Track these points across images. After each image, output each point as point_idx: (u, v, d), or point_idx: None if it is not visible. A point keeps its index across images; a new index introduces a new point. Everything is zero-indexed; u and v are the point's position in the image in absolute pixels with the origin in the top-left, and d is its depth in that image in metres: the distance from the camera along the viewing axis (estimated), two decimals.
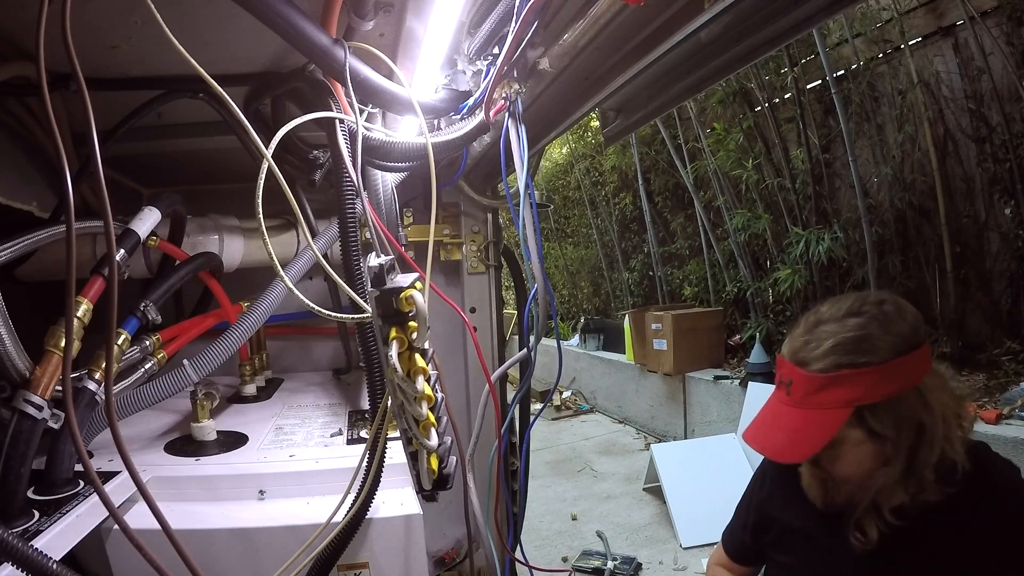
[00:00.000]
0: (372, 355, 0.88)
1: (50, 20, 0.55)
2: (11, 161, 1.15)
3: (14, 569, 0.54)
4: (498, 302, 1.84)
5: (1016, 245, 3.31)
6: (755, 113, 4.47)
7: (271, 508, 1.00)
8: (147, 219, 1.09)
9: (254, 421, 1.33)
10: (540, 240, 0.95)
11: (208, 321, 1.37)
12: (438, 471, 0.69)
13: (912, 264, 3.82)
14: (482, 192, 1.73)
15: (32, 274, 1.19)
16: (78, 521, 0.80)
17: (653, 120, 1.80)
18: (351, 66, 0.85)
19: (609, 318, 6.70)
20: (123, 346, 1.04)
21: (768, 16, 0.94)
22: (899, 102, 3.70)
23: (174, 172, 1.72)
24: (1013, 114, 3.24)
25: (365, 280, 0.83)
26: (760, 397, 3.92)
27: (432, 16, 0.91)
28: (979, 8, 3.22)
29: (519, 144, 0.89)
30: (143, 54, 1.00)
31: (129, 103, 1.12)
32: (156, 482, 1.01)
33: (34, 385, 0.82)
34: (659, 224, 5.94)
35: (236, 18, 0.81)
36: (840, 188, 4.19)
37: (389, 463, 0.90)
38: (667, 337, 4.74)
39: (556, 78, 0.96)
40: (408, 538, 0.98)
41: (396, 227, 1.21)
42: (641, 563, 3.13)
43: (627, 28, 0.85)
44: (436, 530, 1.81)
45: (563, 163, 7.36)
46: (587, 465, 4.69)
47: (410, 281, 0.64)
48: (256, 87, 1.16)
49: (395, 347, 0.64)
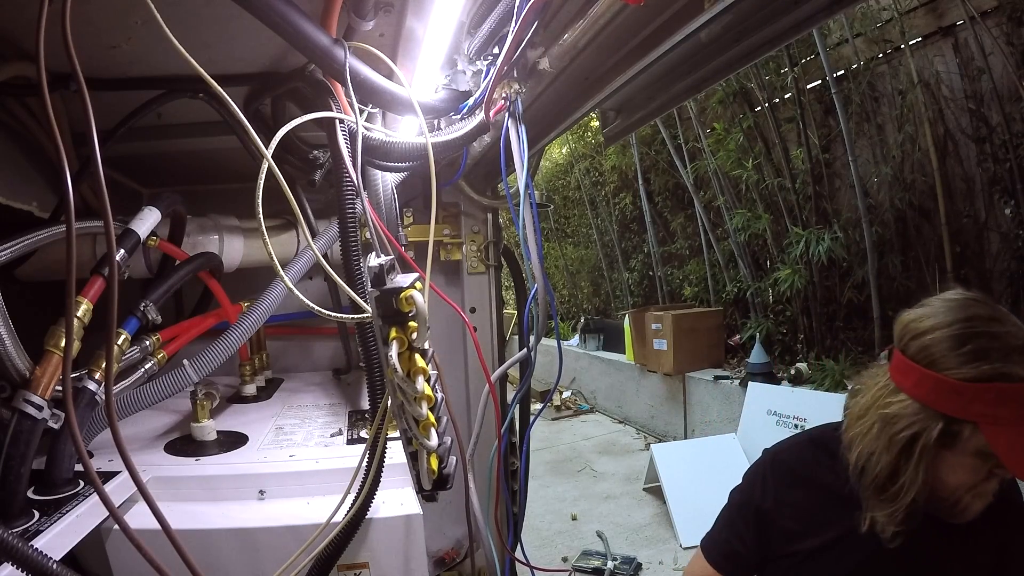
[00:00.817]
0: (372, 355, 0.88)
1: (50, 20, 0.55)
2: (11, 161, 1.15)
3: (14, 569, 0.54)
4: (498, 302, 1.84)
5: (1016, 245, 3.31)
6: (755, 113, 4.47)
7: (271, 508, 1.00)
8: (147, 219, 1.09)
9: (254, 421, 1.33)
10: (540, 240, 0.95)
11: (208, 321, 1.37)
12: (438, 471, 0.69)
13: (912, 264, 3.82)
14: (482, 192, 1.73)
15: (32, 274, 1.19)
16: (78, 521, 0.80)
17: (653, 120, 1.80)
18: (351, 66, 0.85)
19: (609, 318, 6.70)
20: (123, 346, 1.03)
21: (768, 16, 0.94)
22: (899, 102, 3.70)
23: (174, 172, 1.72)
24: (1013, 114, 3.24)
25: (365, 280, 0.83)
26: (760, 397, 3.92)
27: (432, 16, 0.91)
28: (979, 8, 3.22)
29: (519, 144, 0.89)
30: (143, 54, 1.00)
31: (129, 103, 1.12)
32: (156, 482, 1.01)
33: (34, 385, 0.82)
34: (659, 224, 5.94)
35: (236, 18, 0.81)
36: (840, 188, 4.20)
37: (389, 463, 0.89)
38: (667, 337, 4.74)
39: (556, 78, 0.96)
40: (408, 538, 0.98)
41: (396, 227, 1.21)
42: (641, 563, 3.13)
43: (627, 28, 0.85)
44: (436, 530, 1.81)
45: (563, 163, 7.36)
46: (587, 465, 4.69)
47: (410, 281, 0.64)
48: (256, 87, 1.16)
49: (395, 347, 0.64)
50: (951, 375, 0.79)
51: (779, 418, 3.73)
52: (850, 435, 0.92)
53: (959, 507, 0.87)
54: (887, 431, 0.85)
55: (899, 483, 0.84)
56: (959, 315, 0.82)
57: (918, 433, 0.82)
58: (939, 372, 0.80)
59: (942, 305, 0.85)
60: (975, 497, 0.86)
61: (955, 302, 0.85)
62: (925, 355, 0.82)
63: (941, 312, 0.84)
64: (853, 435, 0.91)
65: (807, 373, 3.97)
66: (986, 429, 0.78)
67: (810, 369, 3.99)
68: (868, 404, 0.90)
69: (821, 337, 4.22)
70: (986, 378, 0.77)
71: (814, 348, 4.24)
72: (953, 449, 0.81)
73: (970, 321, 0.81)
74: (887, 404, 0.86)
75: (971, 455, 0.81)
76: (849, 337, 4.12)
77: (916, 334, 0.84)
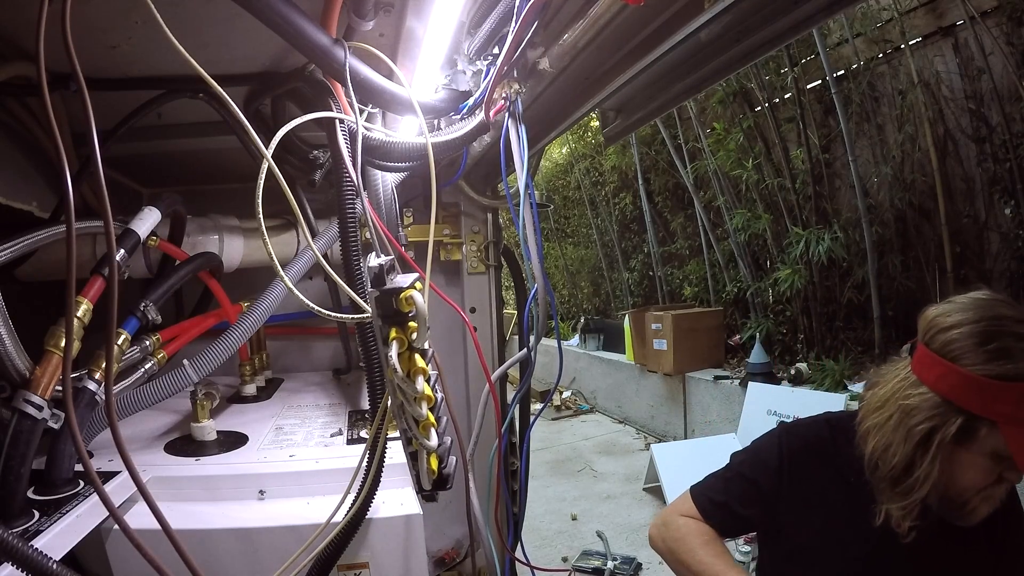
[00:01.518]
0: (372, 355, 0.88)
1: (50, 20, 0.55)
2: (11, 161, 1.15)
3: (14, 569, 0.54)
4: (498, 302, 1.83)
5: (1016, 245, 3.31)
6: (755, 113, 4.47)
7: (271, 508, 1.00)
8: (147, 219, 1.09)
9: (254, 421, 1.33)
10: (540, 240, 0.95)
11: (208, 321, 1.37)
12: (438, 471, 0.69)
13: (912, 264, 3.82)
14: (482, 192, 1.73)
15: (32, 274, 1.19)
16: (78, 521, 0.80)
17: (653, 120, 1.80)
18: (351, 66, 0.85)
19: (609, 318, 6.70)
20: (123, 346, 1.03)
21: (768, 16, 0.94)
22: (899, 102, 3.70)
23: (174, 172, 1.72)
24: (1013, 114, 3.24)
25: (365, 280, 0.83)
26: (760, 397, 3.92)
27: (432, 16, 0.91)
28: (979, 8, 3.22)
29: (519, 144, 0.89)
30: (143, 54, 1.00)
31: (129, 103, 1.12)
32: (156, 482, 1.01)
33: (34, 385, 0.82)
34: (659, 224, 5.94)
35: (236, 18, 0.81)
36: (840, 188, 4.20)
37: (389, 463, 0.89)
38: (667, 337, 4.74)
39: (556, 78, 0.96)
40: (408, 538, 0.97)
41: (396, 227, 1.21)
42: (641, 563, 3.13)
43: (627, 28, 0.85)
44: (436, 530, 1.81)
45: (563, 163, 7.36)
46: (587, 465, 4.69)
47: (410, 281, 0.64)
48: (256, 87, 1.16)
49: (395, 347, 0.64)
50: (976, 371, 0.79)
51: (779, 418, 3.73)
52: (866, 426, 0.91)
53: (967, 509, 0.87)
54: (905, 423, 0.85)
55: (914, 476, 0.84)
56: (986, 313, 0.82)
57: (936, 427, 0.82)
58: (964, 367, 0.80)
59: (970, 302, 0.85)
60: (983, 500, 0.86)
61: (982, 300, 0.85)
62: (950, 349, 0.82)
63: (969, 308, 0.84)
64: (870, 426, 0.91)
65: (807, 373, 3.97)
66: (1005, 428, 0.78)
67: (810, 369, 3.99)
68: (887, 395, 0.90)
69: (821, 337, 4.22)
70: (1010, 377, 0.77)
71: (814, 348, 4.24)
72: (969, 448, 0.82)
73: (998, 320, 0.81)
74: (907, 396, 0.86)
75: (986, 455, 0.81)
76: (849, 337, 4.12)
77: (942, 328, 0.84)
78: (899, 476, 0.86)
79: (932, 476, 0.83)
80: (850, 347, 4.07)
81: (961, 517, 0.88)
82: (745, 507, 1.03)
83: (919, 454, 0.84)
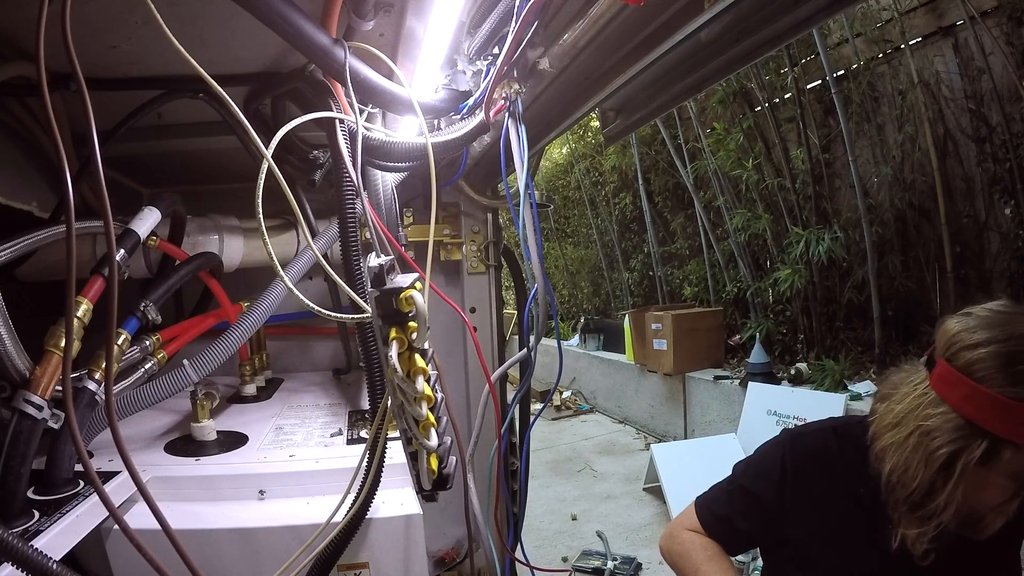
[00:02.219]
0: (372, 355, 0.88)
1: (50, 20, 0.55)
2: (11, 161, 1.15)
3: (14, 569, 0.54)
4: (498, 302, 1.83)
5: (1016, 245, 3.31)
6: (755, 113, 4.47)
7: (271, 508, 1.00)
8: (147, 219, 1.09)
9: (254, 421, 1.33)
10: (540, 240, 0.95)
11: (208, 321, 1.37)
12: (438, 471, 0.69)
13: (912, 264, 3.82)
14: (482, 192, 1.73)
15: (32, 274, 1.19)
16: (78, 521, 0.80)
17: (653, 120, 1.80)
18: (351, 66, 0.85)
19: (609, 318, 6.70)
20: (123, 346, 1.03)
21: (768, 16, 0.94)
22: (899, 102, 3.70)
23: (174, 172, 1.72)
24: (1013, 114, 3.24)
25: (365, 280, 0.83)
26: (760, 397, 3.92)
27: (432, 16, 0.91)
28: (979, 8, 3.22)
29: (519, 144, 0.89)
30: (143, 54, 0.99)
31: (129, 103, 1.12)
32: (156, 482, 1.01)
33: (34, 385, 0.82)
34: (659, 224, 5.94)
35: (236, 18, 0.81)
36: (840, 188, 4.20)
37: (389, 463, 0.89)
38: (667, 337, 4.75)
39: (556, 78, 0.96)
40: (408, 538, 0.97)
41: (396, 227, 1.21)
42: (641, 563, 3.13)
43: (627, 28, 0.85)
44: (436, 530, 1.81)
45: (563, 163, 7.36)
46: (587, 465, 4.69)
47: (410, 281, 0.64)
48: (256, 87, 1.16)
49: (395, 347, 0.64)
50: (1004, 393, 0.75)
51: (779, 418, 3.73)
52: (883, 444, 0.87)
53: (982, 524, 0.84)
54: (926, 444, 0.81)
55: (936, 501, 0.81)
56: (1014, 331, 0.78)
57: (960, 450, 0.78)
58: (991, 388, 0.76)
59: (994, 318, 0.81)
60: (998, 515, 0.84)
61: (1005, 315, 0.81)
62: (975, 369, 0.78)
63: (995, 325, 0.80)
64: (886, 445, 0.86)
65: (807, 373, 3.97)
66: None
67: (810, 369, 3.99)
68: (904, 412, 0.85)
69: (821, 337, 4.22)
70: None
71: (814, 348, 4.24)
72: (989, 468, 0.78)
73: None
74: (927, 416, 0.81)
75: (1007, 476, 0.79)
76: (849, 337, 4.13)
77: (966, 345, 0.80)
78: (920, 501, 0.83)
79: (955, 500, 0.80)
80: (850, 347, 4.07)
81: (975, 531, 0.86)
82: (747, 521, 1.02)
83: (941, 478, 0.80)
